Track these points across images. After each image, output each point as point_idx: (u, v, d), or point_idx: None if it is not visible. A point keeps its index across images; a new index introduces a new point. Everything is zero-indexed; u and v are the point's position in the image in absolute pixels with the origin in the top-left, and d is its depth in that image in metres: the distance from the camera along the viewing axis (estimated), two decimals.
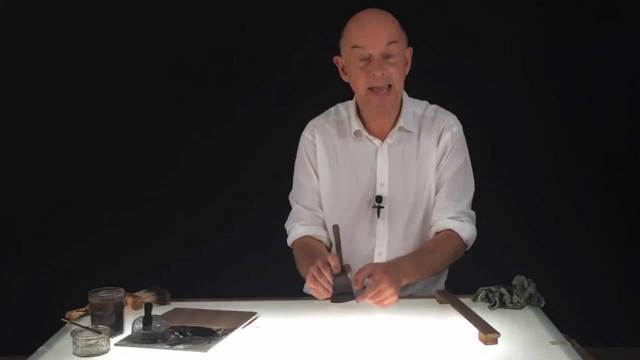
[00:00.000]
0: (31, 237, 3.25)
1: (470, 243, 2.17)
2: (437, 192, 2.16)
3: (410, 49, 2.14)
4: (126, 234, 3.17)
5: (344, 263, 1.94)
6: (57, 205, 3.23)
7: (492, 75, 3.14)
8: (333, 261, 1.90)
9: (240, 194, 3.19)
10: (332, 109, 2.27)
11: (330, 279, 1.90)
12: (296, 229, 2.24)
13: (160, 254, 3.13)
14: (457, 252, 2.13)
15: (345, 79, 2.15)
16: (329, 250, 2.22)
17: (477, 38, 3.14)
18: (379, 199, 2.14)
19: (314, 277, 1.92)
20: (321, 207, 2.23)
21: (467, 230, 2.13)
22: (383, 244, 2.17)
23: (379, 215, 2.14)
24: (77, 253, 3.18)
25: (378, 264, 2.03)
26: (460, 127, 2.18)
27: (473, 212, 2.19)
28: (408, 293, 2.12)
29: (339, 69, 2.17)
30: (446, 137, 2.14)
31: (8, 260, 3.24)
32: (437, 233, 2.15)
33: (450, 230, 2.12)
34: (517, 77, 3.16)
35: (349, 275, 1.92)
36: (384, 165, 2.15)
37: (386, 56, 2.05)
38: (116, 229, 3.19)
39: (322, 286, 1.91)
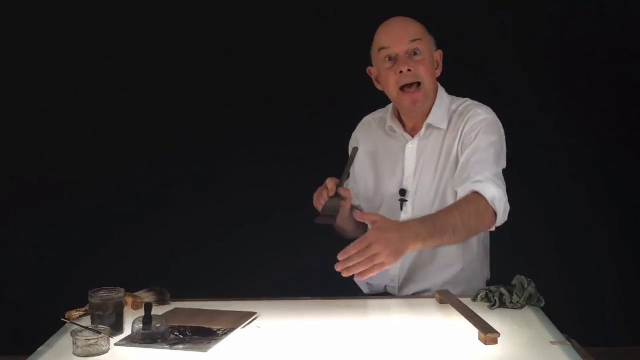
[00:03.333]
0: (31, 237, 3.24)
1: (498, 206, 1.98)
2: (461, 167, 2.10)
3: (440, 52, 2.22)
4: (126, 233, 3.16)
5: (344, 188, 2.07)
6: (57, 205, 3.23)
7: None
8: (330, 184, 2.06)
9: (240, 194, 3.18)
10: (387, 106, 2.35)
11: (325, 199, 2.05)
12: None
13: (160, 254, 3.13)
14: (480, 210, 1.96)
15: (379, 87, 2.26)
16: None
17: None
18: (402, 192, 2.22)
19: (317, 195, 2.10)
20: (356, 197, 2.33)
21: (490, 190, 1.98)
22: None
23: (401, 209, 2.21)
24: (77, 253, 3.18)
25: (385, 218, 1.91)
26: (491, 115, 2.16)
27: (502, 182, 2.06)
28: (459, 291, 2.07)
29: (373, 79, 2.27)
30: (471, 123, 2.13)
31: (8, 260, 3.24)
32: None
33: (472, 192, 2.00)
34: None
35: (343, 201, 2.05)
36: (411, 160, 2.23)
37: (412, 54, 2.13)
38: (116, 228, 3.19)
39: (321, 204, 2.07)
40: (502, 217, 2.02)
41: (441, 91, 2.24)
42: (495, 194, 1.99)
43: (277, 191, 3.13)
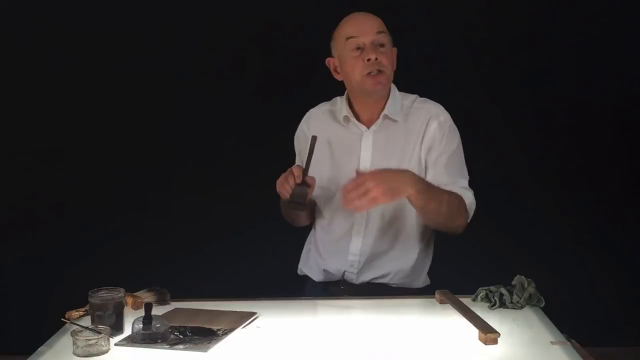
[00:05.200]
0: (31, 237, 3.25)
1: (470, 214, 2.20)
2: (434, 174, 2.21)
3: (395, 49, 2.29)
4: (126, 233, 3.17)
5: (309, 176, 2.13)
6: (57, 205, 3.23)
7: (490, 77, 3.14)
8: (297, 171, 2.13)
9: (240, 194, 3.19)
10: (332, 100, 2.41)
11: (292, 185, 2.12)
12: None
13: (160, 254, 3.13)
14: (461, 208, 2.15)
15: (338, 77, 2.31)
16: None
17: (467, 36, 3.15)
18: None
19: (282, 181, 2.16)
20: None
21: (469, 197, 2.20)
22: (361, 224, 2.27)
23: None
24: (77, 253, 3.18)
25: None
26: (448, 116, 2.28)
27: (471, 190, 2.24)
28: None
29: (332, 70, 2.33)
30: (433, 126, 2.23)
31: (8, 260, 3.24)
32: None
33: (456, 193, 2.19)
34: (524, 76, 3.16)
35: (308, 188, 2.12)
36: (367, 150, 2.27)
37: (379, 45, 2.20)
38: (116, 228, 3.19)
39: (286, 190, 2.13)
40: (467, 222, 2.21)
41: (393, 86, 2.31)
42: (472, 202, 2.21)
43: (277, 191, 3.13)
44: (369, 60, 2.18)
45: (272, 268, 3.05)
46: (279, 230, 3.08)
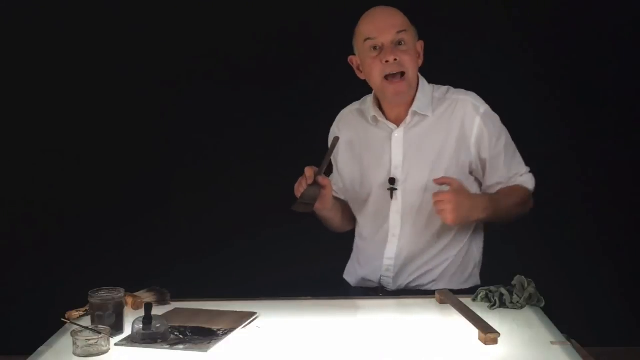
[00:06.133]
0: (31, 237, 3.24)
1: (533, 189, 2.28)
2: (492, 170, 2.22)
3: (422, 42, 2.23)
4: (127, 233, 3.16)
5: (322, 176, 2.11)
6: (57, 206, 3.23)
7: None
8: (308, 172, 2.11)
9: (240, 195, 3.18)
10: (362, 99, 2.37)
11: (304, 187, 2.11)
12: None
13: (160, 254, 3.13)
14: (525, 201, 2.24)
15: (361, 76, 2.26)
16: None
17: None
18: (392, 181, 2.21)
19: (297, 183, 2.16)
20: (340, 191, 2.39)
21: (529, 182, 2.26)
22: (396, 226, 2.23)
23: (392, 197, 2.21)
24: (77, 253, 3.18)
25: (461, 183, 2.09)
26: (486, 105, 2.23)
27: (527, 167, 2.29)
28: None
29: (355, 68, 2.28)
30: (477, 122, 2.18)
31: (8, 260, 3.24)
32: None
33: (516, 185, 2.24)
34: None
35: (323, 189, 2.11)
36: (399, 149, 2.22)
37: (397, 43, 2.14)
38: (117, 228, 3.19)
39: (300, 192, 2.13)
40: None
41: (422, 80, 2.25)
42: (533, 184, 2.27)
43: (277, 191, 3.12)
44: (387, 61, 2.13)
45: (272, 268, 3.06)
46: (280, 230, 3.10)
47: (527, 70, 3.13)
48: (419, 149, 2.20)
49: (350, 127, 2.34)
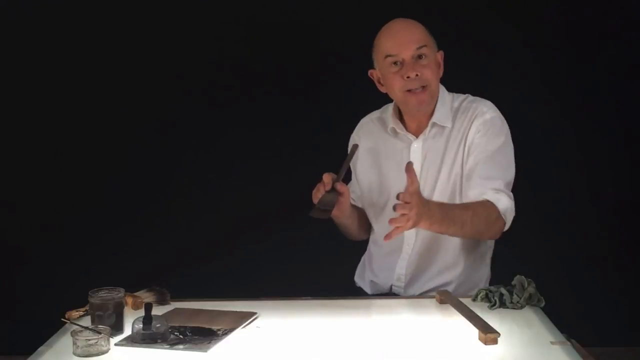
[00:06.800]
0: (31, 237, 3.24)
1: (509, 218, 2.10)
2: (470, 170, 2.14)
3: (442, 52, 2.22)
4: (127, 234, 3.16)
5: (340, 183, 2.08)
6: (57, 206, 3.23)
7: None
8: (326, 178, 2.08)
9: (240, 195, 3.18)
10: (383, 107, 2.36)
11: (321, 193, 2.08)
12: None
13: (160, 254, 3.13)
14: (491, 219, 2.06)
15: (382, 90, 2.26)
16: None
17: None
18: None
19: (315, 190, 2.12)
20: (358, 199, 2.38)
21: (503, 202, 2.08)
22: (411, 235, 2.22)
23: None
24: (78, 253, 3.18)
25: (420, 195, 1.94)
26: (497, 113, 2.19)
27: (511, 194, 2.14)
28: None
29: (376, 82, 2.27)
30: (477, 123, 2.16)
31: (8, 260, 3.24)
32: None
33: (486, 199, 2.08)
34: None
35: (340, 196, 2.09)
36: (417, 160, 2.21)
37: (418, 57, 2.14)
38: (117, 229, 3.19)
39: (317, 198, 2.10)
40: (507, 227, 2.14)
41: (442, 90, 2.24)
42: (508, 206, 2.09)
43: (277, 192, 3.13)
44: (408, 77, 2.12)
45: (272, 268, 3.06)
46: (280, 230, 3.10)
47: (531, 70, 3.14)
48: (434, 160, 2.20)
49: (370, 136, 2.34)
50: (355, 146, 2.20)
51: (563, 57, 3.15)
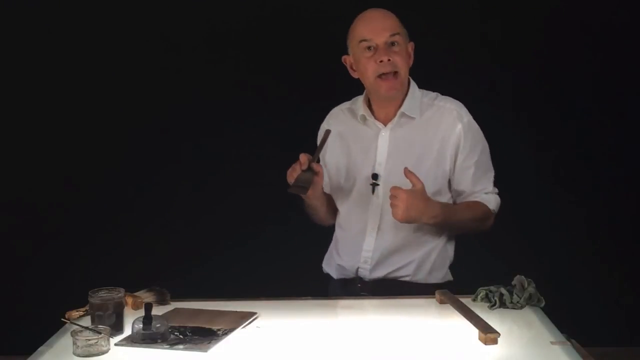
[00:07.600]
0: (31, 237, 3.24)
1: (497, 211, 2.31)
2: (459, 179, 2.28)
3: (412, 43, 2.31)
4: (127, 234, 3.16)
5: (316, 163, 2.21)
6: (57, 206, 3.23)
7: (491, 79, 3.13)
8: (302, 158, 2.20)
9: (240, 195, 3.18)
10: (353, 99, 2.43)
11: (298, 172, 2.19)
12: None
13: (160, 254, 3.13)
14: (484, 218, 2.27)
15: (354, 75, 2.34)
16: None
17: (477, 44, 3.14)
18: (374, 176, 2.29)
19: (290, 170, 2.23)
20: (326, 185, 2.40)
21: (493, 202, 2.30)
22: (376, 219, 2.29)
23: (373, 192, 2.29)
24: (78, 253, 3.18)
25: (424, 188, 2.13)
26: (470, 116, 2.30)
27: (496, 188, 2.33)
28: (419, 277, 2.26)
29: (348, 67, 2.35)
30: (458, 130, 2.26)
31: (8, 260, 3.24)
32: None
33: (479, 201, 2.29)
34: (517, 80, 3.16)
35: (315, 176, 2.20)
36: (384, 147, 2.29)
37: (391, 44, 2.23)
38: (116, 228, 3.19)
39: (293, 177, 2.21)
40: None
41: (413, 84, 2.33)
42: (497, 203, 2.31)
43: (277, 191, 3.12)
44: (381, 61, 2.20)
45: (272, 268, 3.06)
46: (280, 230, 3.10)
47: (518, 74, 3.15)
48: (403, 149, 2.28)
49: (341, 123, 2.41)
50: (328, 131, 2.29)
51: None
